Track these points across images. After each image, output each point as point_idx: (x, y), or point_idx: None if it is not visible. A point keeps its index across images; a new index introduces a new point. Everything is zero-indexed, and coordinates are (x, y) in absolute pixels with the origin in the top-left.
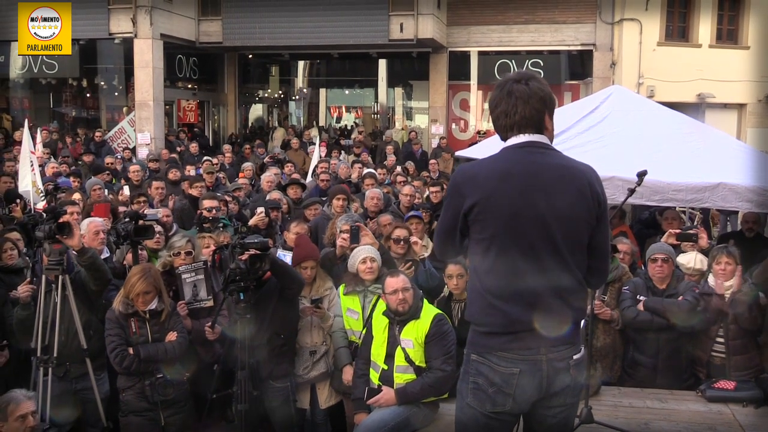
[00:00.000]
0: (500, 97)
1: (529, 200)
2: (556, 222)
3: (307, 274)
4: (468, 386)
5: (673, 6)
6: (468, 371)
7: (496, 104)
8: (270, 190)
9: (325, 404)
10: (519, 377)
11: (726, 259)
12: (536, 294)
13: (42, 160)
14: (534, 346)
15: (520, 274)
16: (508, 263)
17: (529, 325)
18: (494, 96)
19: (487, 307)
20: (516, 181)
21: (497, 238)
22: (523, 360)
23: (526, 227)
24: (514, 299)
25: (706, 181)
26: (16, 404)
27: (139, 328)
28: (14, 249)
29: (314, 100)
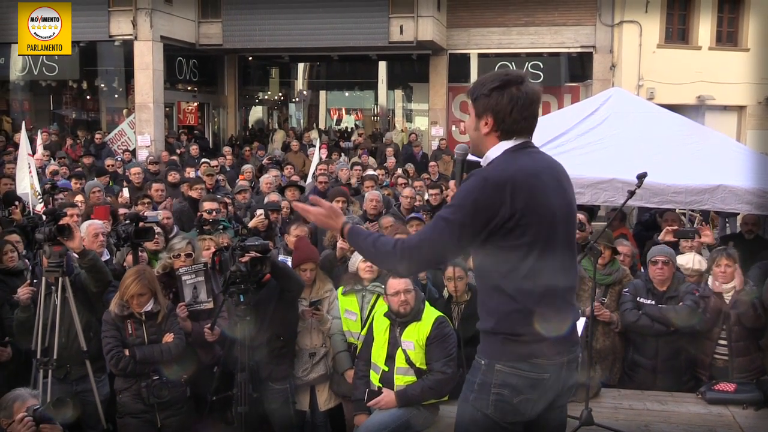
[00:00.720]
0: (518, 98)
1: (558, 199)
2: (571, 218)
3: (307, 276)
4: (489, 398)
5: (673, 8)
6: (490, 382)
7: (515, 105)
8: (269, 192)
9: (325, 406)
10: (547, 382)
11: (726, 261)
12: (566, 294)
13: (42, 162)
14: (562, 349)
15: (556, 276)
16: (546, 266)
17: (563, 328)
18: (513, 96)
19: (527, 314)
20: (546, 181)
21: (538, 242)
22: (553, 364)
23: (558, 227)
24: (553, 302)
25: (706, 183)
26: (21, 402)
27: (135, 329)
28: (14, 251)
29: (314, 102)
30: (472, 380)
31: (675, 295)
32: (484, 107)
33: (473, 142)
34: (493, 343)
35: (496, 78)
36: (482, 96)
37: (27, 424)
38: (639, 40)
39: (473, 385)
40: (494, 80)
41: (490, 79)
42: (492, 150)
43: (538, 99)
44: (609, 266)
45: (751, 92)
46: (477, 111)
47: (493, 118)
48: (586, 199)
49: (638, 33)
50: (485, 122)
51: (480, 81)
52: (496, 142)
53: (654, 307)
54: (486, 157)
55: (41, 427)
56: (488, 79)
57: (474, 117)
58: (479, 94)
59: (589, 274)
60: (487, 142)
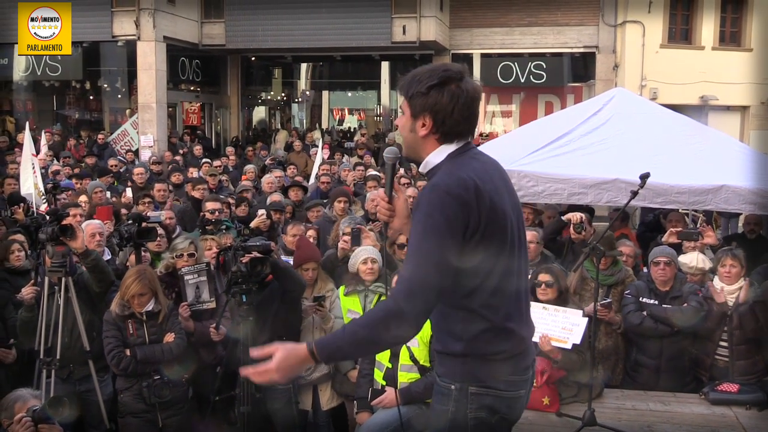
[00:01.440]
0: (459, 96)
1: (510, 201)
2: (521, 219)
3: (309, 276)
4: (468, 424)
5: (676, 8)
6: (465, 408)
7: (456, 104)
8: (271, 192)
9: (327, 406)
10: (523, 398)
11: (731, 262)
12: (527, 300)
13: (45, 162)
14: (531, 360)
15: (517, 283)
16: (510, 275)
17: (529, 339)
18: (454, 94)
19: (498, 332)
20: (498, 184)
21: (503, 251)
22: (525, 380)
23: (513, 231)
24: (520, 312)
25: (709, 184)
26: (23, 402)
27: (137, 329)
28: (21, 250)
29: (317, 102)
30: (443, 409)
31: (678, 295)
32: (421, 107)
33: (408, 144)
34: (464, 364)
35: (434, 74)
36: (419, 94)
37: (25, 425)
38: (642, 40)
39: (446, 414)
40: (432, 76)
41: (427, 75)
42: (433, 155)
43: (480, 97)
44: (611, 267)
45: (754, 92)
46: (413, 110)
47: (432, 119)
48: (589, 199)
49: (641, 33)
50: (422, 123)
51: (415, 76)
52: (436, 145)
53: (658, 307)
54: (426, 162)
55: (39, 427)
56: (424, 74)
57: (409, 117)
58: (415, 91)
59: (591, 275)
60: (426, 145)
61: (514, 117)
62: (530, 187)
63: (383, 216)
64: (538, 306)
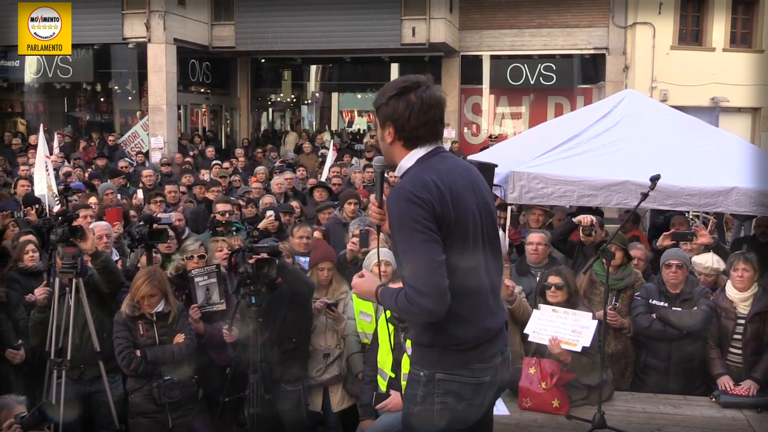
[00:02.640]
0: (413, 104)
1: (475, 199)
2: (489, 217)
3: (324, 276)
4: (434, 408)
5: (687, 9)
6: (432, 392)
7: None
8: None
9: (338, 407)
10: (487, 386)
11: (743, 266)
12: (496, 293)
13: (56, 164)
14: (496, 350)
15: (484, 277)
16: (475, 269)
17: (497, 329)
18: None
19: (463, 323)
20: (461, 182)
21: (466, 246)
22: (491, 367)
23: (479, 227)
24: (486, 305)
25: (720, 186)
26: (9, 410)
27: (147, 330)
28: (36, 251)
29: (326, 104)
30: (413, 393)
31: (689, 297)
32: (384, 116)
33: (384, 152)
34: (431, 353)
35: (395, 86)
36: (382, 105)
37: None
38: (652, 41)
39: (415, 398)
40: (393, 88)
41: (390, 88)
42: (404, 160)
43: (438, 103)
44: (621, 270)
45: (765, 94)
46: (380, 121)
47: (393, 127)
48: (598, 201)
49: (651, 34)
50: (388, 132)
51: (382, 90)
52: (405, 151)
53: (668, 310)
54: (400, 167)
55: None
56: (389, 87)
57: (379, 127)
58: (380, 103)
59: (600, 279)
60: (396, 151)
61: (523, 119)
62: (540, 188)
63: (375, 220)
64: (547, 308)
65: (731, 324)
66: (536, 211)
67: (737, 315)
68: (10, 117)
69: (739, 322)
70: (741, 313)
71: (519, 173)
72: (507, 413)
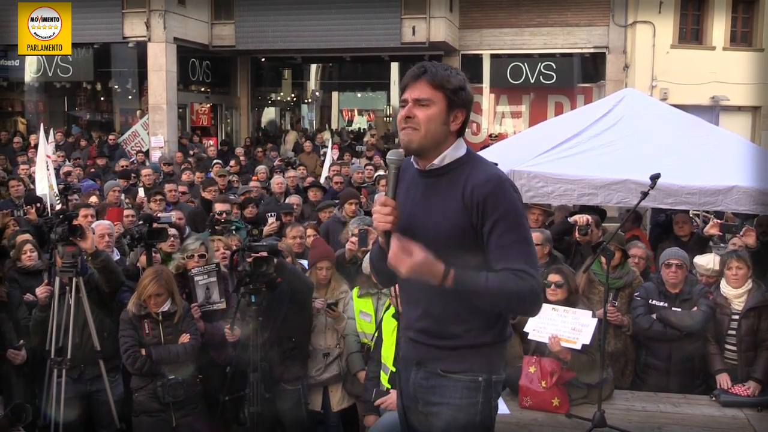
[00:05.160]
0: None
1: None
2: None
3: (323, 275)
4: (491, 414)
5: (687, 8)
6: (490, 397)
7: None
8: (281, 193)
9: (338, 407)
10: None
11: (737, 264)
12: None
13: (57, 163)
14: None
15: None
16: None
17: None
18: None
19: (505, 317)
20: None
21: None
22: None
23: None
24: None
25: (720, 184)
26: None
27: (152, 329)
28: (34, 251)
29: (326, 103)
30: (471, 402)
31: (689, 297)
32: (461, 101)
33: (431, 137)
34: (490, 354)
35: (460, 72)
36: (459, 90)
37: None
38: (652, 40)
39: (476, 407)
40: (460, 74)
41: (455, 72)
42: (452, 149)
43: None
44: (619, 269)
45: (765, 93)
46: (451, 103)
47: (464, 114)
48: (599, 200)
49: (651, 33)
50: (455, 116)
51: (446, 69)
52: (454, 140)
53: (668, 310)
54: (443, 156)
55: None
56: (453, 70)
57: (444, 108)
58: (458, 85)
59: (599, 278)
60: (449, 139)
61: (523, 118)
62: (540, 187)
63: (384, 224)
64: (547, 307)
65: (726, 320)
66: (536, 211)
67: (732, 311)
68: (10, 116)
69: (734, 318)
70: (735, 309)
71: (519, 172)
72: (507, 412)
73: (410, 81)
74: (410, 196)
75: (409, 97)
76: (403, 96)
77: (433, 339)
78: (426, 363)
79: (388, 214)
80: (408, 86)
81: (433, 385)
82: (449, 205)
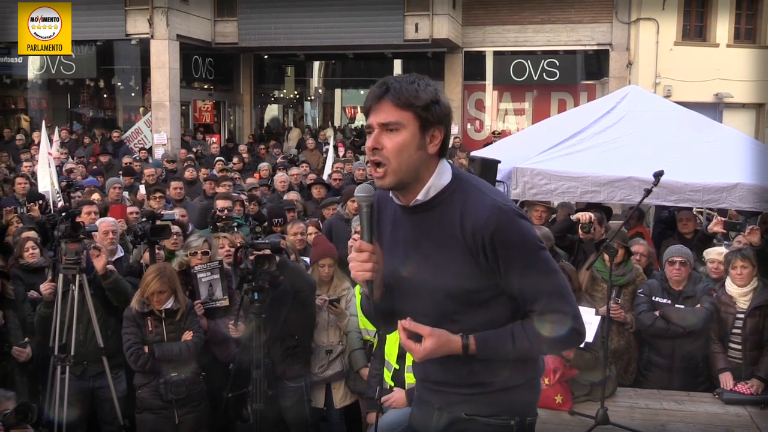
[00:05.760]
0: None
1: None
2: None
3: (325, 272)
4: None
5: (690, 5)
6: None
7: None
8: (284, 191)
9: (340, 404)
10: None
11: (741, 263)
12: None
13: (59, 160)
14: None
15: None
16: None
17: None
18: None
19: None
20: None
21: None
22: None
23: None
24: None
25: (724, 182)
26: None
27: (155, 326)
28: (36, 248)
29: (329, 100)
30: None
31: (692, 295)
32: (437, 116)
33: (405, 167)
34: (522, 394)
35: (427, 80)
36: (430, 103)
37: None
38: (656, 37)
39: None
40: (428, 83)
41: (424, 82)
42: (435, 177)
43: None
44: (622, 266)
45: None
46: (425, 122)
47: (443, 132)
48: (602, 197)
49: (655, 30)
50: (432, 137)
51: (411, 84)
52: (436, 163)
53: (671, 307)
54: (428, 188)
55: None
56: (421, 81)
57: (416, 131)
58: (426, 101)
59: (602, 275)
60: (430, 165)
61: (527, 115)
62: (543, 185)
63: (363, 273)
64: None
65: (731, 319)
66: (539, 208)
67: (737, 310)
68: (13, 113)
69: (739, 317)
70: (741, 308)
71: (522, 169)
72: None
73: (372, 103)
74: (399, 239)
75: (374, 123)
76: (368, 121)
77: (456, 388)
78: (449, 408)
79: (366, 260)
80: (371, 109)
81: (459, 431)
82: (449, 252)
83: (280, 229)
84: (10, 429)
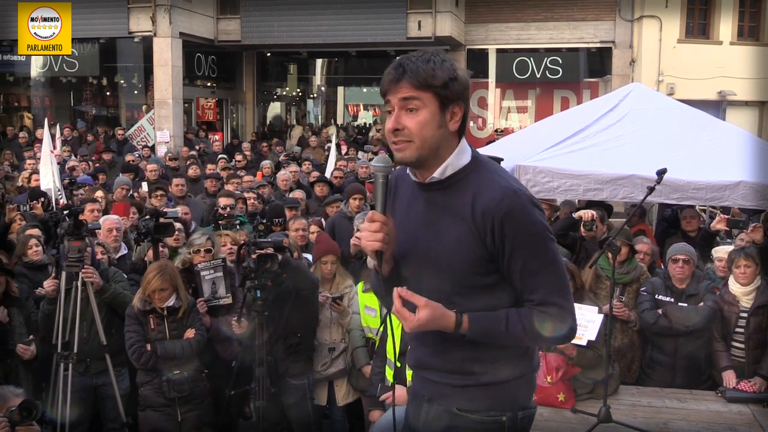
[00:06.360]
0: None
1: None
2: None
3: (327, 269)
4: None
5: (694, 3)
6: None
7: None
8: (286, 189)
9: (343, 401)
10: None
11: (745, 262)
12: None
13: (61, 158)
14: None
15: None
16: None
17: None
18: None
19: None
20: None
21: None
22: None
23: None
24: None
25: (727, 180)
26: (3, 402)
27: (158, 324)
28: (39, 245)
29: (332, 98)
30: None
31: (695, 293)
32: (456, 93)
33: (428, 145)
34: (512, 390)
35: (445, 56)
36: (449, 81)
37: (1, 426)
38: (659, 35)
39: None
40: (446, 59)
41: (441, 58)
42: (455, 156)
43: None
44: (626, 264)
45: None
46: (444, 99)
47: (463, 108)
48: (605, 195)
49: (658, 28)
50: (452, 114)
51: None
52: (456, 142)
53: (673, 305)
54: (445, 167)
55: (16, 429)
56: (438, 56)
57: (437, 109)
58: (444, 79)
59: (606, 273)
60: (450, 143)
61: (529, 112)
62: (546, 182)
63: (372, 243)
64: None
65: (734, 318)
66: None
67: (740, 309)
68: (16, 111)
69: (742, 316)
70: (744, 307)
71: (525, 167)
72: None
73: (390, 86)
74: (410, 215)
75: (393, 100)
76: (387, 99)
77: (446, 377)
78: (439, 400)
79: (377, 230)
80: (389, 92)
81: (447, 427)
82: (457, 232)
83: (279, 229)
84: (15, 426)
